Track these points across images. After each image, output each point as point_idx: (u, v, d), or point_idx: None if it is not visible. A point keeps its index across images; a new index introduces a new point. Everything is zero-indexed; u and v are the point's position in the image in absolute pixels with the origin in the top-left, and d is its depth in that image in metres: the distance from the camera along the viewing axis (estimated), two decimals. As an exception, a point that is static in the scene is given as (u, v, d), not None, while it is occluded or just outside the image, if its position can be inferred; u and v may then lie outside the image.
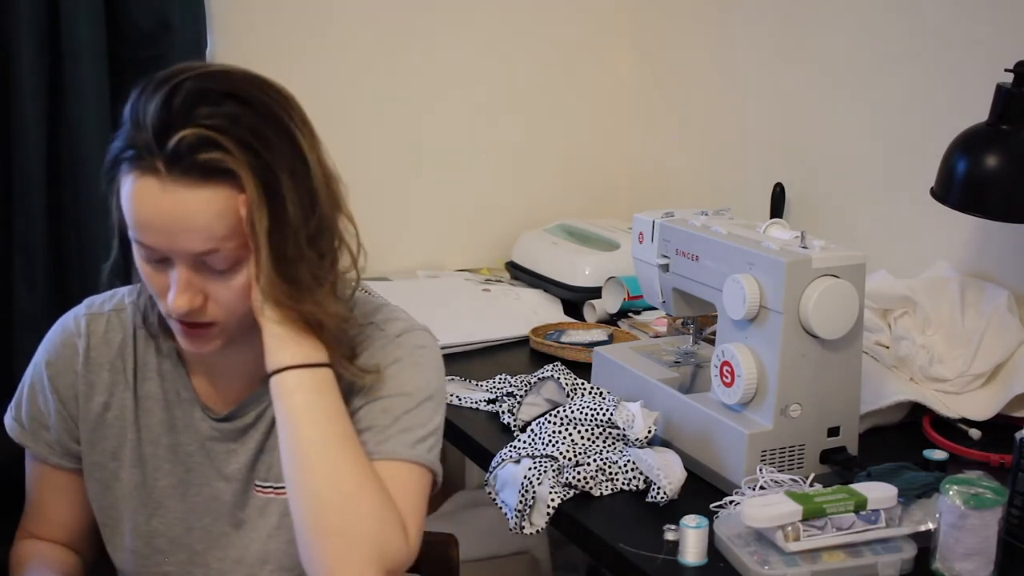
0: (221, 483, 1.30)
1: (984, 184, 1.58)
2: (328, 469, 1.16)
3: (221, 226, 1.10)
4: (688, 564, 1.29)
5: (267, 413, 1.28)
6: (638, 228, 1.72)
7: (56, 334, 1.32)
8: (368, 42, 2.36)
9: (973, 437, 1.62)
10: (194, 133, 1.07)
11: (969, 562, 1.24)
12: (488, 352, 2.03)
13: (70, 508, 1.34)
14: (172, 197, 1.09)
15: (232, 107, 1.10)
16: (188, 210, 1.09)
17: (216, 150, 1.08)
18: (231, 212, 1.10)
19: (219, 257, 1.13)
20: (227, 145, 1.08)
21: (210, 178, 1.09)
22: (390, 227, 2.44)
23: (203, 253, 1.12)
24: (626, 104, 2.64)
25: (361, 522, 1.15)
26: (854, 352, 1.48)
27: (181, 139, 1.07)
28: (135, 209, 1.11)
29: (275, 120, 1.13)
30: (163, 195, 1.09)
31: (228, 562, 1.30)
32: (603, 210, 2.63)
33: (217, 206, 1.10)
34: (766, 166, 2.23)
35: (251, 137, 1.10)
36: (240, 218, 1.11)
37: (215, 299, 1.16)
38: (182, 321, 1.18)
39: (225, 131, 1.08)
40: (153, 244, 1.13)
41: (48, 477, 1.33)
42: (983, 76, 1.63)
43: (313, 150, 1.16)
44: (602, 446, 1.52)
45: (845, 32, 2.07)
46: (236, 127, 1.09)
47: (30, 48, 1.93)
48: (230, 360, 1.27)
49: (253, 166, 1.09)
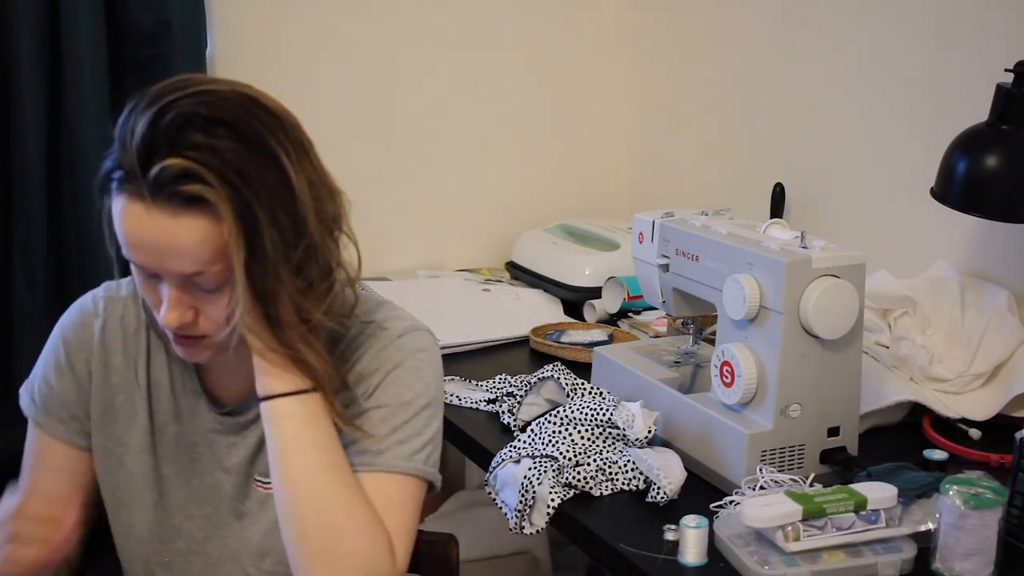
0: (221, 474, 1.31)
1: (984, 184, 1.58)
2: (316, 498, 1.17)
3: (205, 251, 1.11)
4: (688, 564, 1.29)
5: None
6: (638, 228, 1.72)
7: (74, 312, 1.34)
8: (368, 43, 2.36)
9: (973, 437, 1.62)
10: (176, 164, 1.07)
11: (969, 562, 1.24)
12: (488, 352, 2.03)
13: (70, 489, 1.32)
14: (156, 222, 1.10)
15: (218, 136, 1.09)
16: (172, 236, 1.10)
17: (197, 182, 1.08)
18: (214, 238, 1.11)
19: (206, 278, 1.14)
20: (208, 178, 1.08)
21: (192, 207, 1.09)
22: (390, 227, 2.44)
23: (190, 275, 1.13)
24: (626, 104, 2.64)
25: (349, 550, 1.16)
26: (854, 352, 1.48)
27: (163, 168, 1.07)
28: (124, 229, 1.12)
29: (261, 149, 1.12)
30: (148, 219, 1.10)
31: (227, 551, 1.31)
32: (603, 210, 2.63)
33: (199, 234, 1.10)
34: (766, 166, 2.23)
35: (232, 171, 1.09)
36: (225, 242, 1.11)
37: (205, 315, 1.17)
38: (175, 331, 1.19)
39: (206, 163, 1.08)
40: (142, 263, 1.14)
41: (54, 455, 1.32)
42: (983, 76, 1.63)
43: (302, 175, 1.14)
44: (602, 446, 1.52)
45: (845, 32, 2.07)
46: (218, 160, 1.09)
47: (30, 48, 1.93)
48: (232, 358, 1.27)
49: (232, 200, 1.09)
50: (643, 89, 2.61)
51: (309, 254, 1.16)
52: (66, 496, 1.31)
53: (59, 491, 1.32)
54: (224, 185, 1.09)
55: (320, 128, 1.20)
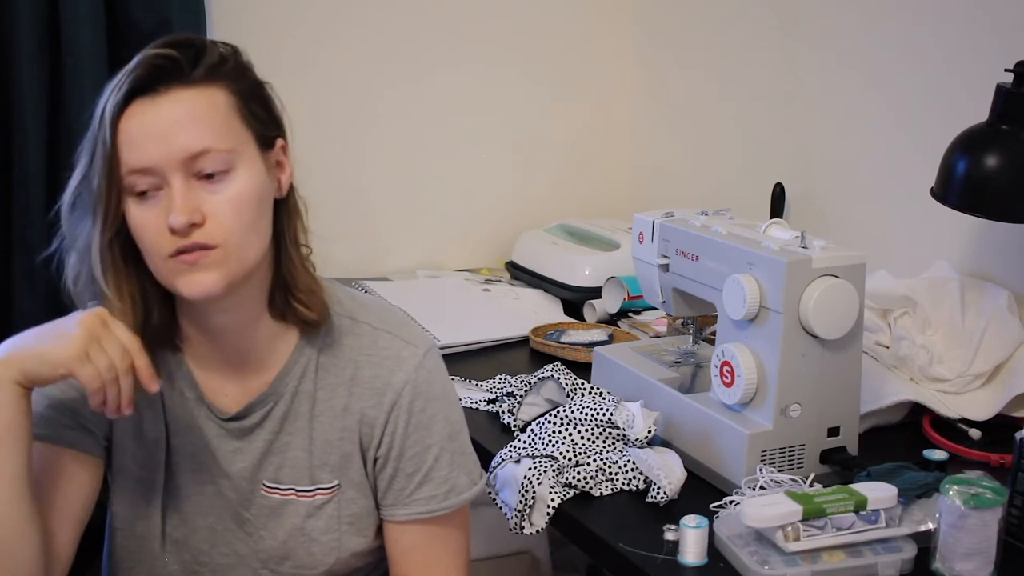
0: (226, 481, 1.31)
1: (984, 184, 1.58)
2: None
3: (216, 119, 1.19)
4: (688, 564, 1.29)
5: (273, 413, 1.29)
6: (638, 228, 1.72)
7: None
8: (368, 42, 2.36)
9: (973, 437, 1.62)
10: (190, 40, 1.21)
11: (969, 562, 1.24)
12: (488, 352, 2.03)
13: (83, 491, 1.28)
14: (166, 105, 1.16)
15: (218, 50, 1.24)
16: (186, 106, 1.17)
17: (206, 56, 1.20)
18: (224, 109, 1.19)
19: (214, 158, 1.17)
20: (217, 52, 1.21)
21: (207, 79, 1.19)
22: (390, 227, 2.44)
23: (198, 155, 1.16)
24: (626, 104, 2.64)
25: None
26: (854, 352, 1.48)
27: (178, 46, 1.19)
28: (130, 132, 1.17)
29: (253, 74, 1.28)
30: (155, 108, 1.16)
31: (236, 557, 1.31)
32: (603, 210, 2.63)
33: (211, 100, 1.18)
34: (766, 166, 2.23)
35: (235, 59, 1.25)
36: (235, 115, 1.19)
37: (213, 217, 1.17)
38: (182, 252, 1.17)
39: (215, 47, 1.23)
40: (148, 162, 1.16)
41: (64, 463, 1.26)
42: (983, 76, 1.63)
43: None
44: (602, 446, 1.52)
45: (846, 32, 2.07)
46: (220, 51, 1.23)
47: (30, 48, 1.93)
48: (229, 345, 1.28)
49: (239, 77, 1.23)
50: (643, 89, 2.61)
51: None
52: (70, 505, 1.27)
53: (64, 499, 1.27)
54: (233, 65, 1.21)
55: (321, 128, 1.21)
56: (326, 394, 1.30)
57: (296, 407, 1.30)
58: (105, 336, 1.15)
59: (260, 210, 1.21)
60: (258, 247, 1.21)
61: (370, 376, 1.29)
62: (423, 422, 1.30)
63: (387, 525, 1.33)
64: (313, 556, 1.31)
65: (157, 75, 1.16)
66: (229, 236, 1.17)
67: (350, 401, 1.29)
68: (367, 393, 1.29)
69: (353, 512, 1.32)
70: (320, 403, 1.30)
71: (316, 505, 1.31)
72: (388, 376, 1.29)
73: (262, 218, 1.22)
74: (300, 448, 1.30)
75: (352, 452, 1.30)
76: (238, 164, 1.18)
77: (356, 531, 1.32)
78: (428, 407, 1.30)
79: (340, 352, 1.30)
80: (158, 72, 1.16)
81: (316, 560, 1.31)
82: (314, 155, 2.27)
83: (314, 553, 1.31)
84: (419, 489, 1.30)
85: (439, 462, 1.30)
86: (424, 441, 1.29)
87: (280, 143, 1.26)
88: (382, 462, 1.30)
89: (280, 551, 1.31)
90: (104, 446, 1.30)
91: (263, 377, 1.29)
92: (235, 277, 1.19)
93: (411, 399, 1.29)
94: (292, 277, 1.26)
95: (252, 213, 1.19)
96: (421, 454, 1.29)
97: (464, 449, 1.34)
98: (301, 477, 1.30)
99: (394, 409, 1.29)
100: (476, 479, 1.35)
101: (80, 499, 1.27)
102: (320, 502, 1.31)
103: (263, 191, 1.22)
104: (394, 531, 1.32)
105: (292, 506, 1.30)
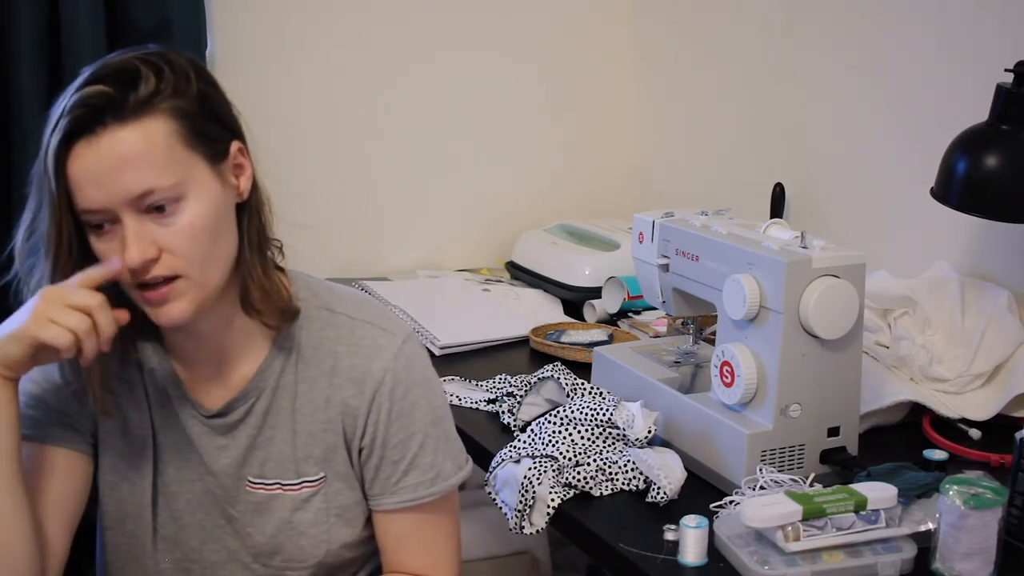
0: (211, 478, 1.31)
1: (984, 184, 1.58)
2: None
3: (157, 156, 1.14)
4: (688, 564, 1.29)
5: (255, 408, 1.30)
6: (638, 228, 1.72)
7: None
8: (369, 42, 2.36)
9: (973, 437, 1.62)
10: (121, 64, 1.18)
11: (969, 562, 1.24)
12: (488, 352, 2.03)
13: (73, 489, 1.29)
14: (105, 145, 1.13)
15: (155, 59, 1.20)
16: (123, 145, 1.13)
17: (140, 83, 1.15)
18: (164, 141, 1.14)
19: (161, 195, 1.14)
20: (151, 78, 1.16)
21: (140, 111, 1.14)
22: (390, 227, 2.44)
23: (144, 195, 1.13)
24: (626, 104, 2.64)
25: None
26: (854, 352, 1.48)
27: (109, 74, 1.16)
28: (75, 173, 1.14)
29: (202, 74, 1.23)
30: (95, 147, 1.12)
31: (226, 553, 1.32)
32: (603, 210, 2.63)
33: (148, 138, 1.14)
34: (766, 166, 2.23)
35: (172, 73, 1.18)
36: (176, 146, 1.15)
37: (169, 249, 1.16)
38: (145, 286, 1.17)
39: (150, 62, 1.18)
40: (96, 202, 1.14)
41: (53, 461, 1.27)
42: (983, 76, 1.63)
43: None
44: (602, 446, 1.52)
45: (846, 32, 2.07)
46: (156, 63, 1.18)
47: (30, 48, 1.93)
48: (208, 345, 1.27)
49: (178, 99, 1.17)
50: (643, 89, 2.61)
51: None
52: (63, 502, 1.28)
53: (57, 497, 1.28)
54: (170, 85, 1.15)
55: (321, 127, 1.21)
56: (307, 387, 1.30)
57: (278, 401, 1.30)
58: (64, 295, 1.15)
59: (218, 229, 1.19)
60: (223, 266, 1.21)
61: (349, 366, 1.29)
62: (405, 409, 1.29)
63: (376, 515, 1.33)
64: (302, 549, 1.31)
65: (92, 115, 1.13)
66: (188, 266, 1.17)
67: (331, 392, 1.30)
68: (348, 383, 1.29)
69: (341, 504, 1.32)
70: (301, 396, 1.30)
71: (303, 498, 1.31)
72: (367, 365, 1.29)
73: (222, 236, 1.20)
74: (284, 442, 1.30)
75: (336, 443, 1.31)
76: (188, 192, 1.16)
77: (345, 523, 1.32)
78: (409, 394, 1.30)
79: (319, 344, 1.30)
80: (93, 112, 1.13)
81: (306, 553, 1.31)
82: (314, 155, 2.29)
83: (303, 546, 1.31)
84: (405, 477, 1.30)
85: (424, 448, 1.30)
86: (408, 428, 1.30)
87: (236, 147, 1.22)
88: (367, 452, 1.30)
89: (269, 545, 1.31)
90: (91, 443, 1.31)
91: (243, 373, 1.30)
92: (203, 301, 1.19)
93: (392, 387, 1.29)
94: (251, 282, 1.24)
95: (209, 238, 1.18)
96: (405, 441, 1.30)
97: (448, 435, 1.34)
98: (286, 471, 1.30)
99: (375, 398, 1.29)
100: (462, 464, 1.35)
101: (71, 496, 1.28)
102: (307, 495, 1.31)
103: (220, 208, 1.19)
104: (383, 520, 1.33)
105: (278, 500, 1.30)
